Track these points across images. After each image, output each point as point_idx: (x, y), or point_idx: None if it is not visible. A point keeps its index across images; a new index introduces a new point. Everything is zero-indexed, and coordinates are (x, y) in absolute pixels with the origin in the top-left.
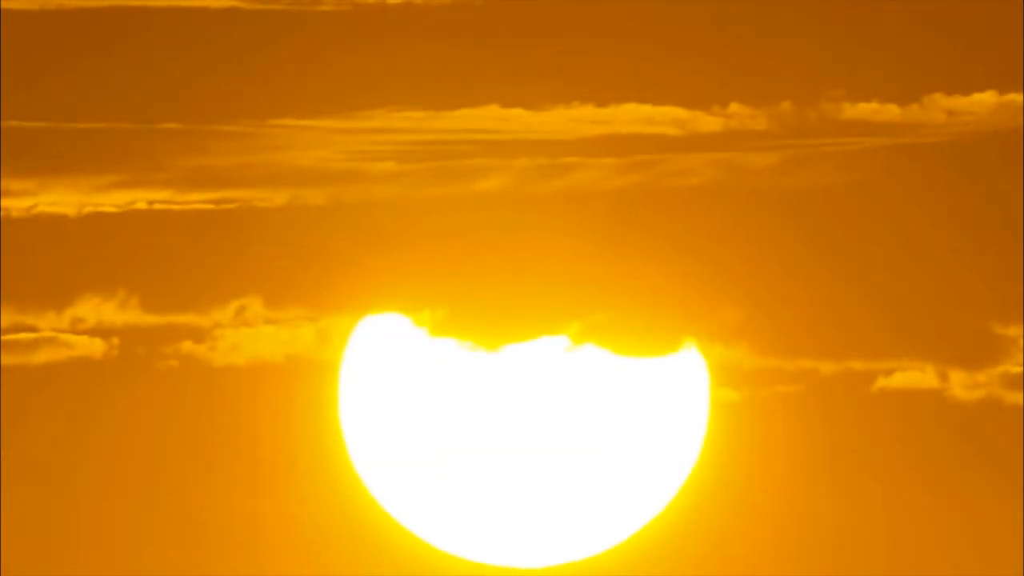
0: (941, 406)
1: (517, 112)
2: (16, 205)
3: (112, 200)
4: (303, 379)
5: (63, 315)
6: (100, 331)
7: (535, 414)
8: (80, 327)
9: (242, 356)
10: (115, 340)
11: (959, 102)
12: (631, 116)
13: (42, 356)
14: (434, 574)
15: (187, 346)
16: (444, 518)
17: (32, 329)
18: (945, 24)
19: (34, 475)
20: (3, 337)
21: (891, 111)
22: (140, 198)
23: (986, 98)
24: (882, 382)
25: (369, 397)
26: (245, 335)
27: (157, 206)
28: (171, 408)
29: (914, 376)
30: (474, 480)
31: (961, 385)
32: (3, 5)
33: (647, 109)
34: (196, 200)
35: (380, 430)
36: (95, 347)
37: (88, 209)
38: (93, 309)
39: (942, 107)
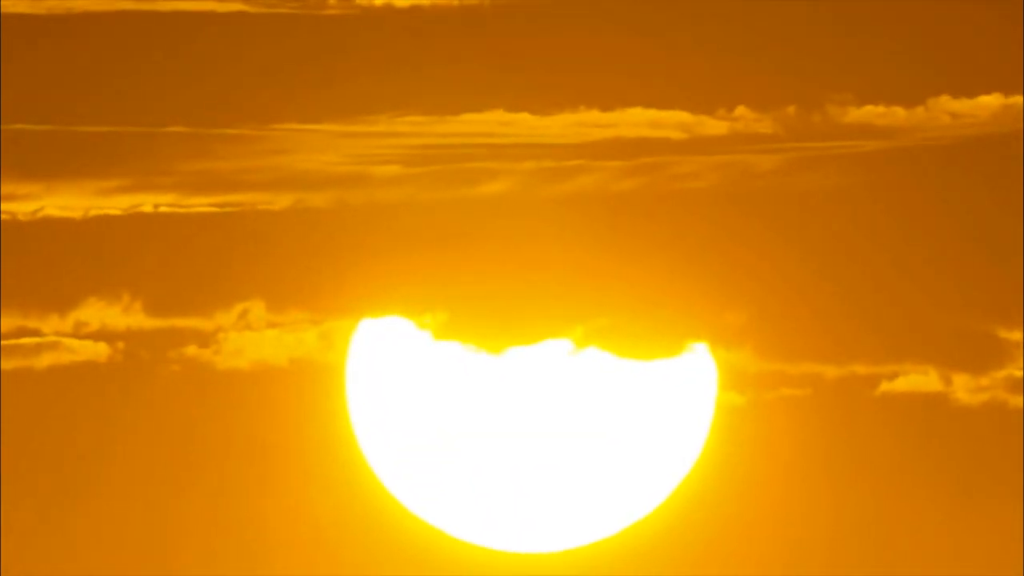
0: (945, 410)
1: (522, 117)
2: (21, 209)
3: (117, 203)
4: (308, 382)
5: (67, 319)
6: (104, 335)
7: (539, 413)
8: (84, 331)
9: (246, 360)
10: (120, 345)
11: (964, 105)
12: (636, 120)
13: (46, 360)
14: (454, 561)
15: (192, 350)
16: (457, 509)
17: (36, 333)
18: (949, 27)
19: (38, 481)
20: (7, 341)
21: (896, 114)
22: (145, 201)
23: (990, 101)
24: (885, 386)
25: (376, 398)
26: (249, 339)
27: (162, 209)
28: (178, 411)
29: (917, 380)
30: (481, 472)
31: (965, 389)
32: (8, 10)
33: (652, 113)
34: (201, 203)
35: (389, 430)
36: (99, 351)
37: (94, 212)
38: (97, 313)
39: (946, 110)
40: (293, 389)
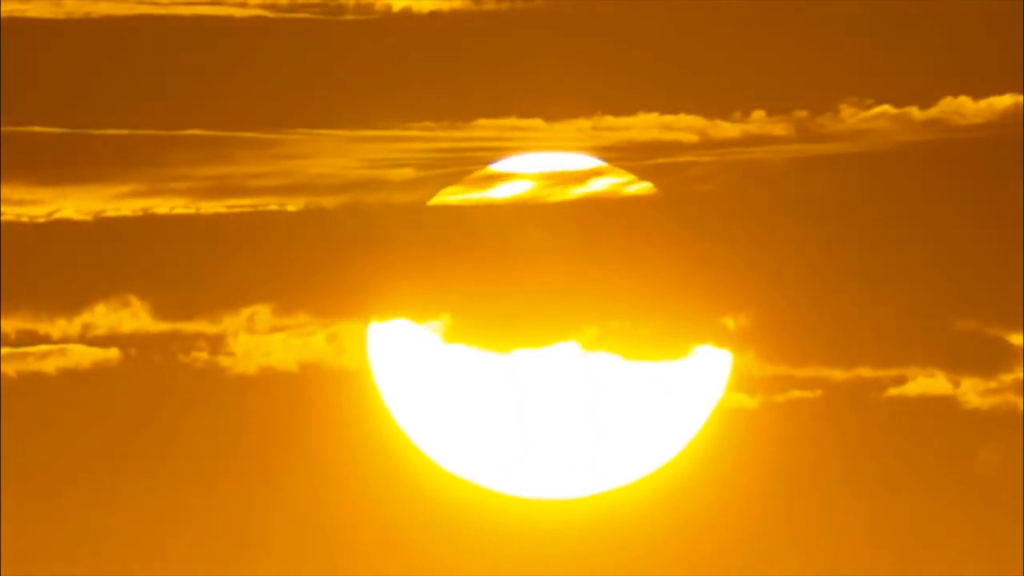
0: (953, 413)
1: (535, 123)
2: (35, 212)
3: (131, 206)
4: (322, 385)
5: (77, 323)
6: (115, 340)
7: (550, 413)
8: (95, 334)
9: (256, 364)
10: (131, 350)
11: (977, 105)
12: (648, 124)
13: (56, 364)
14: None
15: (203, 355)
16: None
17: (46, 337)
18: (959, 28)
19: (45, 485)
20: (18, 346)
21: (909, 115)
22: (159, 204)
23: (1003, 101)
24: (893, 390)
25: (412, 399)
26: (258, 343)
27: (177, 210)
28: (189, 416)
29: (925, 383)
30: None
31: (973, 392)
32: (28, 13)
33: (666, 118)
34: (215, 206)
35: (433, 426)
36: (110, 356)
37: (108, 214)
38: (106, 316)
39: (959, 110)
40: (306, 392)
